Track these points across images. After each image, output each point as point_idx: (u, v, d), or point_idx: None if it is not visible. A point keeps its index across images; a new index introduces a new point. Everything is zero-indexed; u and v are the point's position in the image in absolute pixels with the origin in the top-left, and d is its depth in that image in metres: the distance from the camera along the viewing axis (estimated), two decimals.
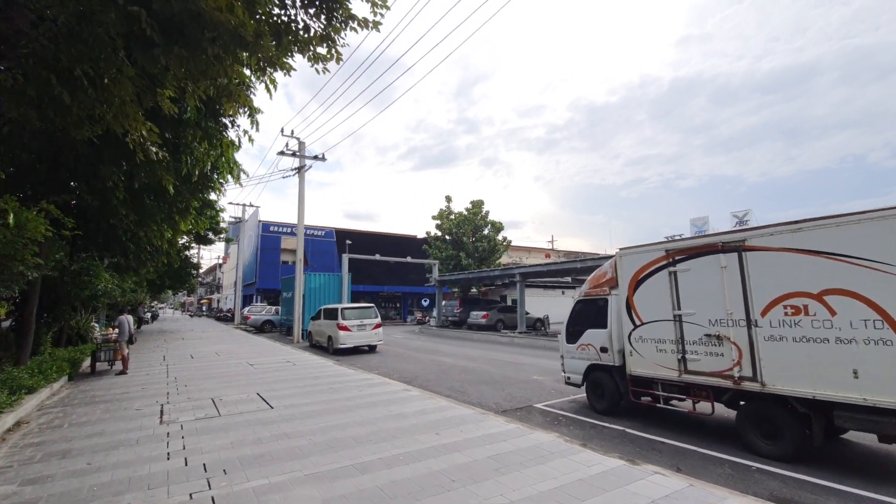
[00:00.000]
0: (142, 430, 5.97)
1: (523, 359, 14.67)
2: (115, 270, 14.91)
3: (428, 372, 12.15)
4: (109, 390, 8.79)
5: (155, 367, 11.76)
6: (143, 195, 10.28)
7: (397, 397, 7.79)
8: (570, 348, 8.46)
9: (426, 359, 14.81)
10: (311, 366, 11.79)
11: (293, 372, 10.71)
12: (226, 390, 8.54)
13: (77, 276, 11.63)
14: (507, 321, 24.38)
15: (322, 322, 17.67)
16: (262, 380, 9.63)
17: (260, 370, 11.01)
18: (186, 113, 5.98)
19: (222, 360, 13.20)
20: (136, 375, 10.52)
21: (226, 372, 10.80)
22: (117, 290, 13.57)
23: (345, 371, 10.92)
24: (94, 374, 10.86)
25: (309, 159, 22.55)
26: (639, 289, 7.17)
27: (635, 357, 7.09)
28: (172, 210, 10.89)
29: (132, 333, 10.92)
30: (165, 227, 11.77)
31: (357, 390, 8.41)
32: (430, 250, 34.59)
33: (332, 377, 9.95)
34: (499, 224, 34.98)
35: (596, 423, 7.11)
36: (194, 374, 10.60)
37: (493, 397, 8.99)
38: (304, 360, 13.12)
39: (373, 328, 16.72)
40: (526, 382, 10.65)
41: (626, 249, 7.57)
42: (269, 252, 39.05)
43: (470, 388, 9.98)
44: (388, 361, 14.17)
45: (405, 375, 11.58)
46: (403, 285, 43.78)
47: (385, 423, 6.12)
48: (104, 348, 10.94)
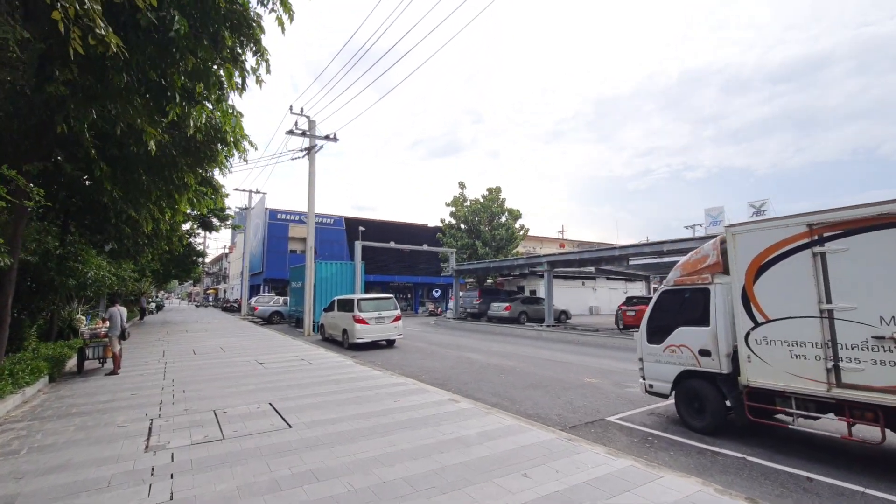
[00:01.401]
0: (120, 460, 4.48)
1: (563, 356, 13.13)
2: (109, 257, 13.47)
3: (460, 372, 10.64)
4: (93, 396, 7.34)
5: (151, 366, 10.33)
6: (130, 167, 8.75)
7: (444, 411, 6.26)
8: (652, 350, 6.88)
9: (453, 355, 13.30)
10: (328, 365, 10.30)
11: (309, 373, 9.22)
12: (231, 398, 7.06)
13: (62, 262, 10.17)
14: (530, 313, 22.83)
15: (336, 314, 16.21)
16: (275, 383, 8.14)
17: (271, 370, 9.53)
18: (175, 25, 4.46)
19: (228, 356, 11.75)
20: (128, 376, 9.08)
21: (231, 372, 9.34)
22: (112, 279, 12.13)
23: (368, 372, 9.42)
24: (82, 374, 9.44)
25: (319, 139, 20.95)
26: (762, 276, 5.54)
27: (756, 364, 5.50)
28: (169, 186, 9.35)
29: (125, 328, 9.47)
30: (164, 205, 10.25)
31: (391, 400, 6.89)
32: (444, 239, 33.00)
33: (355, 380, 8.45)
34: (516, 211, 33.27)
35: (703, 448, 5.55)
36: (195, 374, 9.14)
37: (550, 407, 7.46)
38: (319, 357, 11.65)
39: (392, 321, 15.24)
40: (581, 387, 9.11)
41: (741, 225, 5.92)
42: (277, 240, 37.62)
43: (517, 393, 8.47)
44: (412, 359, 12.67)
45: (435, 376, 10.10)
46: (414, 275, 42.30)
47: (445, 454, 4.58)
48: (92, 345, 9.50)
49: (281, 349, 13.27)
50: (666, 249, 15.38)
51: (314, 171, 20.74)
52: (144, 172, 8.98)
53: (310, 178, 20.75)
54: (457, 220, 33.65)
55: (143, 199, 9.55)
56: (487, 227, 32.38)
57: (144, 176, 9.16)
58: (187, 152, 8.94)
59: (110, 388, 8.02)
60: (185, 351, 12.88)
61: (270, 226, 37.50)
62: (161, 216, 10.29)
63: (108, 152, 8.41)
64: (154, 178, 9.15)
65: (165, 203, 10.08)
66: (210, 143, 9.05)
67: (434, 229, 43.34)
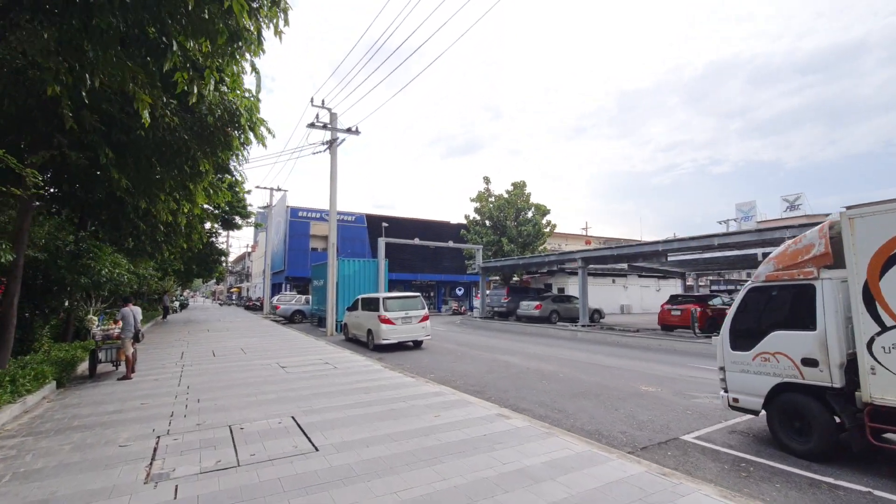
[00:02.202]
0: (113, 495, 3.67)
1: (606, 359, 12.02)
2: (127, 254, 12.94)
3: (497, 377, 9.68)
4: (100, 406, 6.63)
5: (168, 369, 9.67)
6: (138, 153, 8.05)
7: (496, 431, 5.31)
8: (738, 358, 5.79)
9: (486, 358, 12.34)
10: (354, 370, 9.46)
11: (335, 379, 8.39)
12: (250, 410, 6.25)
13: (74, 260, 9.58)
14: (561, 312, 21.68)
15: (360, 314, 15.41)
16: (297, 392, 7.32)
17: (293, 376, 8.74)
18: None
19: (248, 358, 11.04)
20: (142, 381, 8.41)
21: (251, 378, 8.57)
22: (129, 277, 11.55)
23: (399, 379, 8.53)
24: (94, 378, 8.82)
25: (341, 132, 20.21)
26: (892, 269, 4.43)
27: (883, 377, 4.39)
28: (182, 175, 8.64)
29: (139, 329, 8.80)
30: (179, 196, 9.57)
31: (430, 414, 5.98)
32: (468, 235, 32.03)
33: (386, 388, 7.57)
34: (543, 207, 32.03)
35: (815, 479, 4.48)
36: (212, 380, 8.41)
37: (611, 422, 6.44)
38: (343, 360, 10.83)
39: (419, 321, 14.36)
40: (637, 396, 8.04)
41: (863, 208, 4.79)
42: (298, 238, 37.25)
43: (567, 404, 7.46)
44: (442, 362, 11.76)
45: (470, 382, 9.18)
46: (437, 273, 41.45)
47: (511, 495, 3.62)
48: (105, 347, 8.87)
49: (303, 351, 12.53)
50: (717, 243, 14.09)
51: (336, 165, 20.03)
52: (156, 161, 8.28)
53: (332, 173, 20.05)
54: (481, 216, 32.63)
55: (157, 190, 8.86)
56: (513, 223, 31.28)
57: (158, 165, 8.47)
58: (200, 138, 8.20)
59: (120, 395, 7.33)
60: (205, 353, 12.25)
61: (292, 223, 37.15)
62: (177, 208, 9.61)
63: (113, 137, 7.71)
64: (166, 167, 8.45)
65: (180, 194, 9.39)
66: (224, 128, 8.29)
67: (457, 226, 42.39)
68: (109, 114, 7.52)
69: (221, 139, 8.33)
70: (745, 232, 13.58)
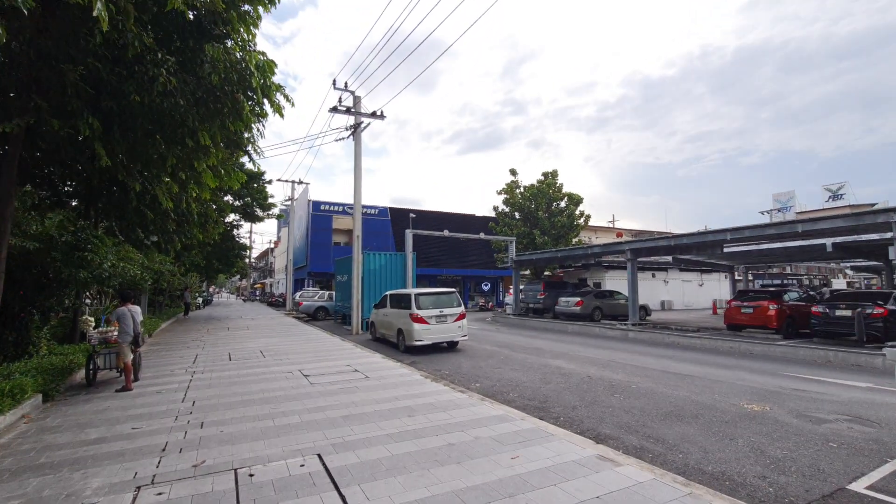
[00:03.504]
0: None
1: (678, 366, 10.26)
2: (137, 246, 11.79)
3: (558, 389, 8.09)
4: (81, 431, 5.31)
5: (176, 377, 8.40)
6: (130, 124, 6.70)
7: (610, 487, 3.72)
8: None
9: (534, 363, 10.74)
10: (390, 380, 8.00)
11: (369, 394, 6.93)
12: (264, 442, 4.82)
13: (72, 251, 8.37)
14: (605, 309, 19.86)
15: (389, 311, 13.99)
16: (324, 413, 5.88)
17: (318, 388, 7.32)
18: None
19: (267, 364, 9.72)
20: (142, 393, 7.13)
21: (269, 391, 7.19)
22: (136, 271, 10.37)
23: (447, 394, 7.02)
24: (92, 387, 7.60)
25: (366, 116, 18.80)
26: None
27: None
28: (186, 150, 7.27)
29: (139, 332, 7.52)
30: (184, 177, 8.25)
31: (504, 452, 4.42)
32: (497, 228, 30.34)
33: (434, 408, 6.06)
34: (577, 196, 30.07)
35: None
36: (223, 393, 7.05)
37: (735, 460, 4.80)
38: (374, 366, 9.40)
39: (455, 319, 12.85)
40: (749, 419, 6.35)
41: None
42: (321, 232, 36.17)
43: (661, 429, 5.83)
44: (486, 367, 10.22)
45: (527, 395, 7.65)
46: (463, 268, 39.88)
47: None
48: (103, 352, 7.63)
49: (328, 354, 11.16)
50: (802, 230, 12.11)
51: (360, 152, 18.64)
52: (151, 132, 6.92)
53: (356, 161, 18.67)
54: (511, 208, 30.91)
55: (155, 170, 7.54)
56: (545, 214, 29.45)
57: (158, 135, 7.12)
58: (202, 105, 6.81)
59: (112, 413, 6.03)
60: (221, 355, 11.00)
61: (314, 217, 36.09)
62: (180, 192, 8.28)
63: (102, 104, 6.38)
64: (165, 142, 7.09)
65: (186, 175, 8.06)
66: (232, 93, 6.88)
67: (482, 219, 40.70)
68: (97, 74, 6.19)
69: (229, 105, 6.92)
70: (838, 217, 11.57)
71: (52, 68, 5.79)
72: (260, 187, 26.16)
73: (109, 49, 6.06)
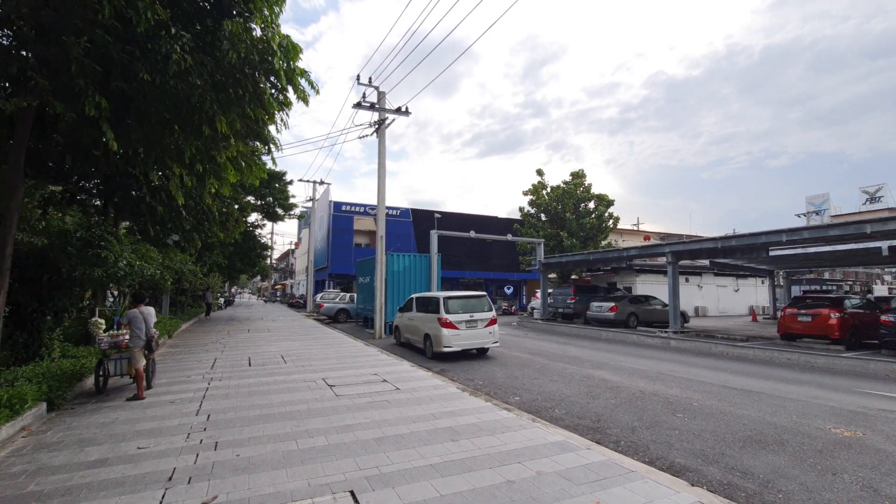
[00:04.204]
0: None
1: (740, 380, 9.19)
2: (152, 245, 11.31)
3: (608, 405, 7.19)
4: (82, 450, 4.68)
5: (192, 384, 7.80)
6: (145, 109, 6.11)
7: None
8: None
9: (574, 374, 9.84)
10: (423, 392, 7.23)
11: (402, 410, 6.17)
12: (287, 471, 4.09)
13: (84, 248, 7.87)
14: (640, 315, 18.75)
15: (415, 315, 13.25)
16: (354, 433, 5.13)
17: (345, 402, 6.59)
18: None
19: (289, 370, 9.07)
20: (154, 403, 6.52)
21: (291, 402, 6.49)
22: (155, 270, 9.87)
23: (491, 413, 6.20)
24: (102, 394, 7.04)
25: (390, 112, 18.18)
26: None
27: None
28: (203, 139, 6.65)
29: (152, 336, 6.92)
30: (202, 169, 7.65)
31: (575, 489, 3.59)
32: (522, 230, 29.41)
33: (480, 431, 5.26)
34: (606, 197, 28.94)
35: None
36: (241, 405, 6.38)
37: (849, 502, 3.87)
38: (403, 375, 8.65)
39: (485, 325, 12.02)
40: (845, 447, 5.38)
41: None
42: (342, 233, 35.78)
43: (747, 460, 4.92)
44: (522, 377, 9.36)
45: (575, 412, 6.80)
46: (485, 271, 39.01)
47: None
48: (115, 357, 7.06)
49: (353, 360, 10.47)
50: (871, 231, 10.91)
51: (384, 149, 18.02)
52: (167, 121, 6.32)
53: (379, 158, 18.05)
54: (537, 209, 29.94)
55: (172, 161, 6.95)
56: (573, 216, 28.39)
57: (174, 124, 6.52)
58: (219, 88, 6.18)
59: (119, 428, 5.40)
60: (240, 360, 10.42)
61: (335, 218, 35.72)
62: (197, 185, 7.69)
63: (112, 85, 5.80)
64: (181, 127, 6.48)
65: (204, 167, 7.46)
66: (253, 75, 6.24)
67: (504, 221, 39.79)
68: (106, 51, 5.62)
69: (250, 89, 6.28)
70: None
71: (56, 44, 5.23)
72: (281, 187, 25.88)
73: (120, 24, 5.48)
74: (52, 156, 7.83)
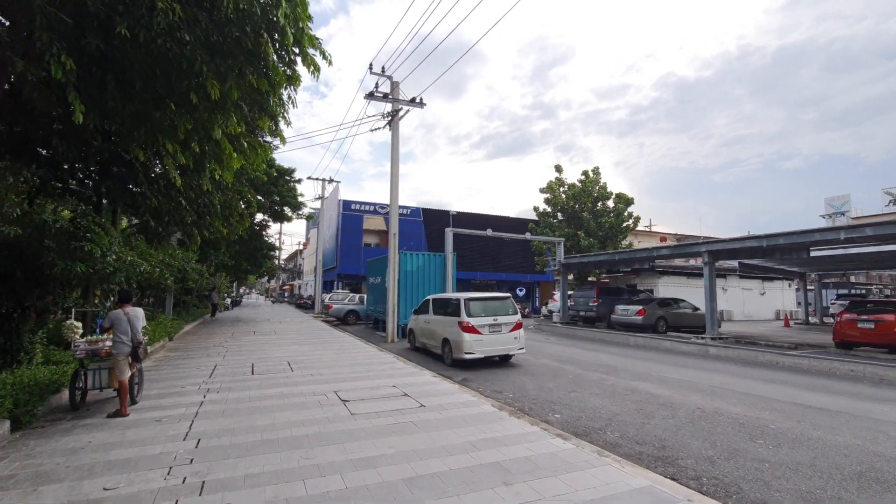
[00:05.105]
0: None
1: (808, 396, 8.02)
2: (151, 237, 10.38)
3: (672, 429, 6.08)
4: (32, 493, 3.67)
5: (186, 396, 6.81)
6: (124, 72, 5.13)
7: None
8: None
9: (617, 386, 8.73)
10: (452, 412, 6.17)
11: (432, 438, 5.11)
12: None
13: (66, 240, 6.92)
14: (669, 319, 17.55)
15: (432, 318, 12.22)
16: (377, 470, 4.08)
17: (362, 423, 5.55)
18: None
19: (295, 381, 8.06)
20: (137, 422, 5.52)
21: (298, 428, 5.46)
22: (156, 268, 8.93)
23: (541, 440, 5.12)
24: (80, 409, 6.06)
25: (404, 104, 17.19)
26: None
27: None
28: (194, 108, 5.65)
29: (140, 342, 5.92)
30: (199, 150, 6.67)
31: None
32: (538, 229, 28.26)
33: (534, 467, 4.18)
34: (626, 196, 27.67)
35: None
36: (238, 429, 5.36)
37: None
38: (426, 389, 7.59)
39: (510, 329, 10.97)
40: None
41: None
42: (351, 233, 34.84)
43: None
44: (556, 390, 8.27)
45: (631, 434, 5.74)
46: (497, 272, 37.89)
47: None
48: (92, 367, 6.07)
49: (367, 369, 9.44)
50: None
51: (398, 141, 17.03)
52: (151, 87, 5.33)
53: (392, 152, 17.06)
54: (553, 208, 28.73)
55: (164, 137, 5.96)
56: (589, 215, 27.16)
57: (160, 90, 5.53)
58: (218, 51, 5.18)
59: (88, 457, 4.39)
60: (243, 367, 9.43)
61: (344, 217, 34.81)
62: (199, 169, 6.70)
63: (86, 44, 4.81)
64: (169, 93, 5.49)
65: (201, 147, 6.46)
66: (252, 32, 5.23)
67: (515, 220, 38.64)
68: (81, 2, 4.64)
69: (249, 46, 5.27)
70: None
71: None
72: (290, 186, 24.96)
73: None
74: (32, 134, 6.89)
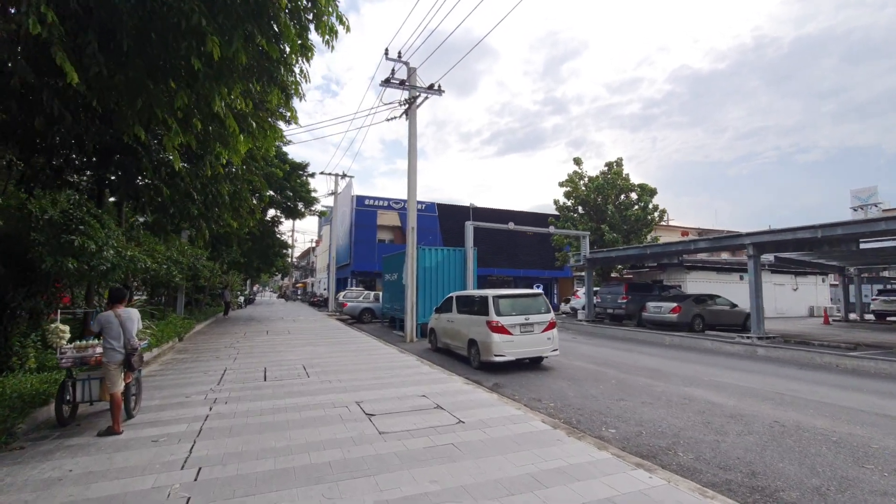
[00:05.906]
0: None
1: (884, 402, 7.00)
2: (155, 231, 9.65)
3: (755, 449, 5.09)
4: None
5: (189, 409, 6.01)
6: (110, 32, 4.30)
7: None
8: None
9: (668, 393, 7.74)
10: (498, 430, 5.26)
11: (481, 467, 4.21)
12: None
13: (56, 233, 6.17)
14: (706, 317, 16.42)
15: (456, 317, 11.33)
16: None
17: (393, 447, 4.66)
18: None
19: (313, 389, 7.23)
20: (130, 442, 4.71)
21: (317, 452, 4.59)
22: (163, 265, 8.18)
23: (618, 470, 4.19)
24: (68, 425, 5.29)
25: (422, 91, 16.26)
26: None
27: None
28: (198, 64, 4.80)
29: (135, 348, 5.11)
30: (202, 128, 5.85)
31: None
32: (558, 224, 27.19)
33: None
34: (649, 187, 26.42)
35: None
36: (247, 453, 4.51)
37: None
38: (461, 400, 6.70)
39: (543, 329, 10.02)
40: None
41: None
42: (365, 229, 34.10)
43: None
44: (602, 398, 7.31)
45: (707, 457, 4.81)
46: (514, 268, 36.89)
47: None
48: (81, 377, 5.29)
49: (390, 374, 8.58)
50: None
51: (416, 131, 16.14)
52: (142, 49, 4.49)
53: (410, 140, 16.17)
54: (573, 202, 27.59)
55: (161, 110, 5.13)
56: (614, 208, 25.98)
57: (145, 55, 4.69)
58: (220, 6, 4.31)
59: (62, 494, 3.58)
60: (254, 371, 8.65)
61: (357, 213, 34.06)
62: (204, 153, 5.88)
63: None
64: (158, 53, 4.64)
65: (203, 125, 5.63)
66: None
67: (531, 215, 37.59)
68: None
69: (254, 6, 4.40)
70: None
71: None
72: (303, 181, 24.26)
73: None
74: (15, 115, 6.13)
